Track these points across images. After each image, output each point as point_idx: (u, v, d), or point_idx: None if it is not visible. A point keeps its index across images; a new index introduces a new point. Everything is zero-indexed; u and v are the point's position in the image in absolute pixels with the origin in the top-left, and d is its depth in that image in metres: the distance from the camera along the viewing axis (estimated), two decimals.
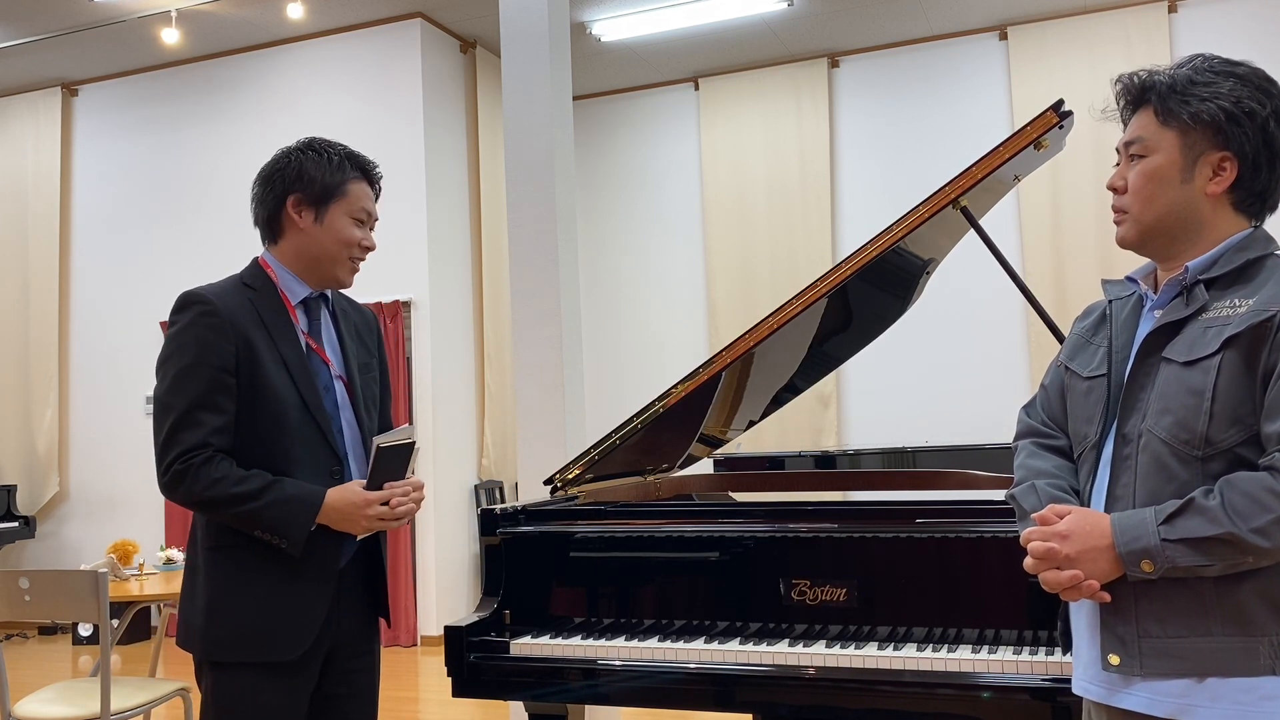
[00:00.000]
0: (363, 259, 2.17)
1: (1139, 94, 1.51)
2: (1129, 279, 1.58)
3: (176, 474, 1.96)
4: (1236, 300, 1.41)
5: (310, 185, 2.09)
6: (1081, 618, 1.50)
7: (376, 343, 2.30)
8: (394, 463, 2.05)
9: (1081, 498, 1.52)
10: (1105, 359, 1.53)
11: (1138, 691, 1.40)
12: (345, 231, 2.11)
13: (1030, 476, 1.59)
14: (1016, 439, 1.70)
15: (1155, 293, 1.52)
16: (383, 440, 2.03)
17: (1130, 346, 1.51)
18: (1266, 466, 1.33)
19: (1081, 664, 1.50)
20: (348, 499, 2.01)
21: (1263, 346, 1.35)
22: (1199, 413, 1.38)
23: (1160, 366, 1.44)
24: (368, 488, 2.03)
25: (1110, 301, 1.61)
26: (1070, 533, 1.40)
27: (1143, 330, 1.51)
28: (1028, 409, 1.70)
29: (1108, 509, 1.45)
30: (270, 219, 2.14)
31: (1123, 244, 1.53)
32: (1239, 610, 1.35)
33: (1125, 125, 1.55)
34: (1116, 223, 1.53)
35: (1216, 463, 1.38)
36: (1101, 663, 1.44)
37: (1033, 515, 1.47)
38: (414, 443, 2.09)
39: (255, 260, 2.15)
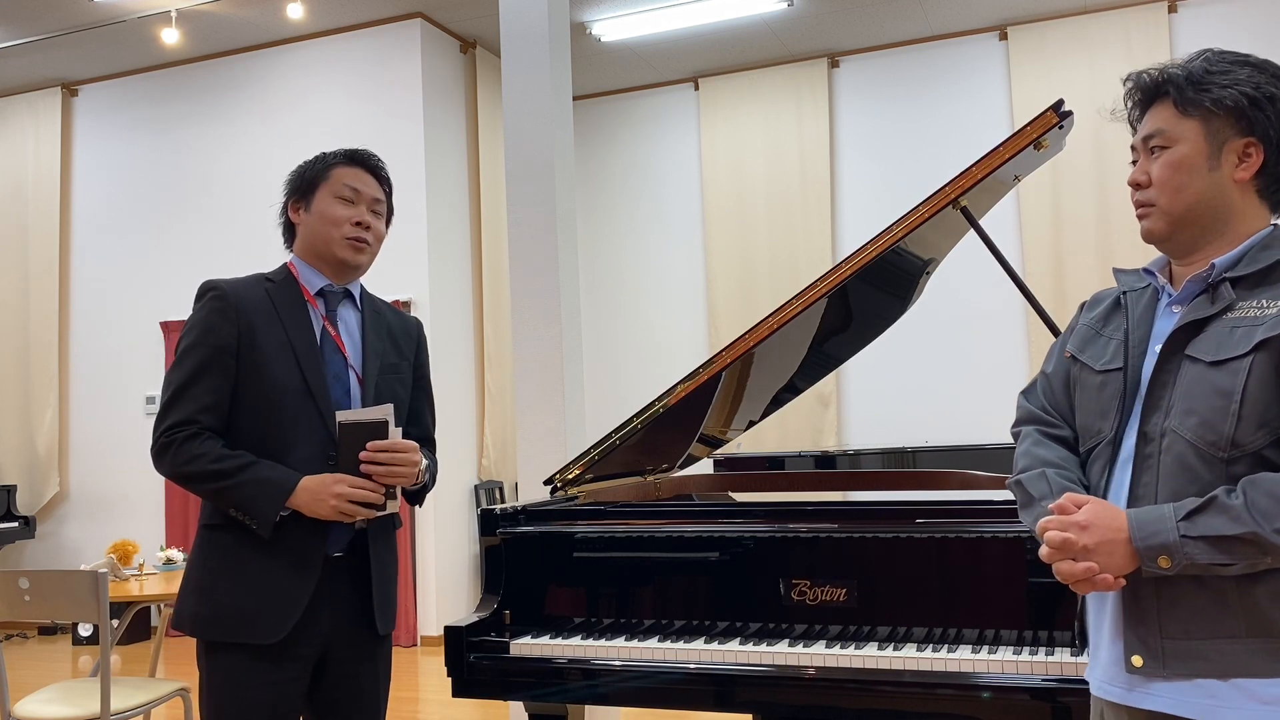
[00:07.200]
0: (360, 236, 2.17)
1: (1154, 89, 1.51)
2: (1145, 271, 1.56)
3: (162, 445, 2.05)
4: (1264, 300, 1.40)
5: (298, 182, 2.22)
6: (1104, 618, 1.49)
7: (414, 348, 2.32)
8: (366, 441, 2.03)
9: (1093, 493, 1.50)
10: (1121, 352, 1.51)
11: (1160, 692, 1.39)
12: (330, 210, 2.16)
13: (1036, 464, 1.57)
14: (1017, 425, 1.68)
15: (1173, 287, 1.51)
16: (345, 416, 2.02)
17: (1147, 341, 1.49)
18: None
19: (1101, 665, 1.49)
20: (317, 479, 2.02)
21: None
22: (1226, 414, 1.37)
23: (1184, 365, 1.43)
24: (337, 468, 2.03)
25: (1124, 293, 1.58)
26: (1089, 523, 1.38)
27: (1163, 326, 1.49)
28: (1027, 394, 1.69)
29: (1128, 508, 1.43)
30: (285, 228, 2.28)
31: (1149, 238, 1.51)
32: (1259, 612, 1.34)
33: (1135, 125, 1.54)
34: (1141, 217, 1.51)
35: (1240, 464, 1.37)
36: (1125, 664, 1.42)
37: (1050, 505, 1.44)
38: (386, 421, 2.04)
39: (284, 264, 2.25)
